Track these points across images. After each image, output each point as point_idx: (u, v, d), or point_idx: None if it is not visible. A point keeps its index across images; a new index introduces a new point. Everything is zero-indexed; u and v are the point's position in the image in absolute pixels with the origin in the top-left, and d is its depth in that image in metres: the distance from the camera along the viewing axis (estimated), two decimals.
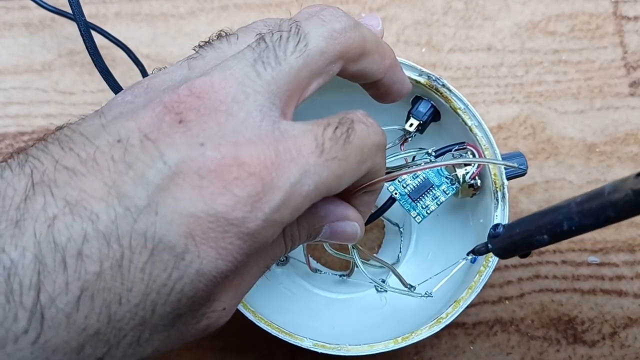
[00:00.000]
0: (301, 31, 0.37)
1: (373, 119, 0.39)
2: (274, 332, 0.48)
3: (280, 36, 0.36)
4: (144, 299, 0.32)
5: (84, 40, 0.50)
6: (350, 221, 0.41)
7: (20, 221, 0.30)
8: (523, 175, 0.52)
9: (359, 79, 0.42)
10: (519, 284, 0.63)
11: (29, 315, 0.29)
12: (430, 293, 0.53)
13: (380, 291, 0.59)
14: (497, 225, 0.41)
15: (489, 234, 0.42)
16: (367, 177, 0.39)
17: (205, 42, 0.39)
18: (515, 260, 0.63)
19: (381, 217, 0.60)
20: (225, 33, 0.39)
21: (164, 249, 0.31)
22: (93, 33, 0.54)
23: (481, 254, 0.45)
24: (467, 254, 0.47)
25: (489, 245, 0.42)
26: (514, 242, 0.40)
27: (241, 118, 0.34)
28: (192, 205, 0.32)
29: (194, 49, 0.39)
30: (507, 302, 0.63)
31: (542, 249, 0.62)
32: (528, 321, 0.63)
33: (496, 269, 0.60)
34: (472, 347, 0.62)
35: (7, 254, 0.29)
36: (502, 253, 0.42)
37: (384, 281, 0.59)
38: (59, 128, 0.36)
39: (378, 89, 0.44)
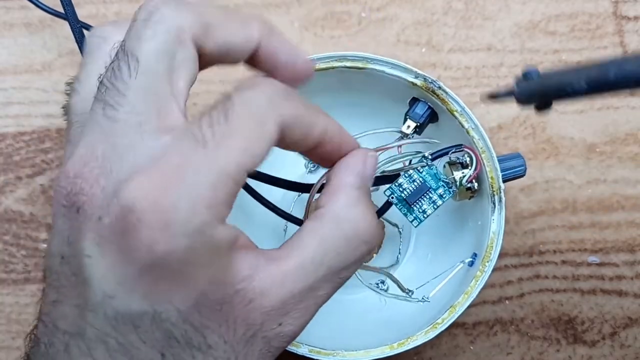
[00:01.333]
0: (127, 48, 0.35)
1: (263, 78, 0.38)
2: None
3: (113, 69, 0.35)
4: None
5: (77, 44, 0.50)
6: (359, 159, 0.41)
7: None
8: (522, 176, 0.52)
9: (232, 56, 0.39)
10: (519, 284, 0.63)
11: None
12: (428, 298, 0.53)
13: (379, 293, 0.59)
14: (530, 71, 0.37)
15: (517, 79, 0.38)
16: (297, 132, 0.37)
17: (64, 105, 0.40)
18: (515, 260, 0.63)
19: (381, 218, 0.60)
20: (71, 84, 0.41)
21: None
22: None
23: (501, 96, 0.40)
24: (489, 96, 0.41)
25: (516, 87, 0.38)
26: (544, 87, 0.36)
27: (116, 171, 0.33)
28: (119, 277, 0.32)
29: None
30: (507, 302, 0.63)
31: (542, 248, 0.62)
32: (528, 321, 0.63)
33: (496, 269, 0.60)
34: (472, 347, 0.62)
35: None
36: (526, 98, 0.37)
37: (383, 282, 0.59)
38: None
39: (266, 64, 0.40)
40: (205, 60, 0.38)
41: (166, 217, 0.31)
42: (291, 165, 0.59)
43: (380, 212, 0.51)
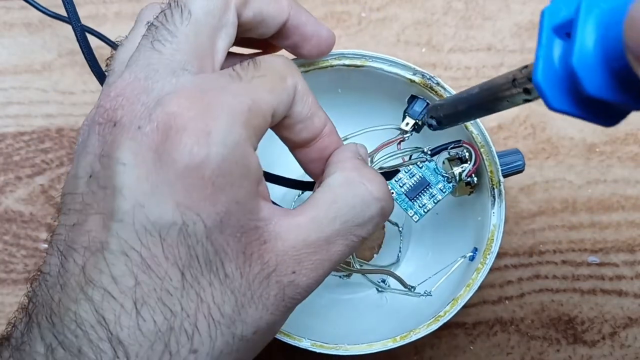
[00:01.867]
0: (181, 2, 0.39)
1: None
2: None
3: (165, 14, 0.38)
4: None
5: (79, 44, 0.50)
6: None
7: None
8: (521, 171, 0.52)
9: (264, 26, 0.43)
10: (519, 284, 0.63)
11: None
12: (430, 292, 0.53)
13: (381, 291, 0.59)
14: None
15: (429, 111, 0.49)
16: (304, 108, 0.41)
17: (109, 58, 0.43)
18: (515, 260, 0.63)
19: None
20: (120, 40, 0.43)
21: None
22: (90, 36, 0.54)
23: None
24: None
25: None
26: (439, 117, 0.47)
27: (159, 87, 0.36)
28: (159, 174, 0.34)
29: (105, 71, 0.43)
30: (507, 302, 0.63)
31: (542, 248, 0.62)
32: (528, 321, 0.63)
33: (496, 269, 0.60)
34: (472, 347, 0.62)
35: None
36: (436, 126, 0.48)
37: (384, 281, 0.59)
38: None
39: (293, 36, 0.45)
40: (240, 29, 0.41)
41: (208, 126, 0.34)
42: (291, 164, 0.59)
43: None
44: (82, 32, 0.51)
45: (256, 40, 0.46)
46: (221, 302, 0.35)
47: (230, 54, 0.42)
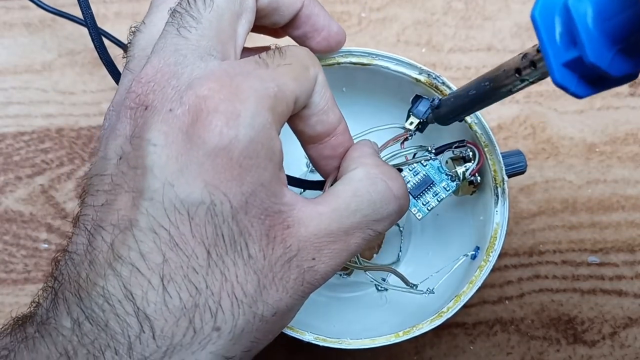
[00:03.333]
0: None
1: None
2: None
3: (188, 1, 0.39)
4: None
5: (90, 34, 0.50)
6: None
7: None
8: (523, 172, 0.52)
9: (278, 14, 0.45)
10: (519, 284, 0.63)
11: None
12: (432, 290, 0.53)
13: (381, 290, 0.59)
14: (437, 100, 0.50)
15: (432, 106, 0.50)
16: (322, 102, 0.42)
17: (127, 44, 0.44)
18: (515, 260, 0.63)
19: None
20: (136, 26, 0.44)
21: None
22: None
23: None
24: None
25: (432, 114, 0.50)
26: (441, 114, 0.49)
27: (188, 72, 0.37)
28: (192, 150, 0.35)
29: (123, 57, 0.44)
30: (507, 302, 0.63)
31: (542, 248, 0.62)
32: (528, 321, 0.63)
33: (496, 269, 0.60)
34: (472, 347, 0.62)
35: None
36: (442, 121, 0.49)
37: (384, 280, 0.59)
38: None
39: (304, 26, 0.47)
40: (255, 16, 0.42)
41: (237, 109, 0.35)
42: (293, 164, 0.60)
43: None
44: (98, 38, 0.51)
45: (266, 29, 0.47)
46: (244, 281, 0.36)
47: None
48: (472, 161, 0.51)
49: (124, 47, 0.62)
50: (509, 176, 0.51)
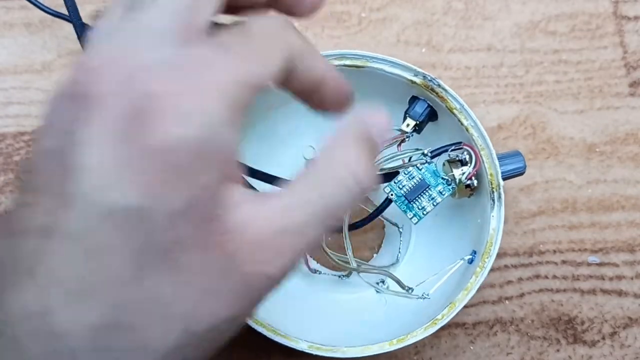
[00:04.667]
0: None
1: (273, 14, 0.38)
2: (269, 334, 0.48)
3: None
4: None
5: (80, 42, 0.50)
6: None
7: None
8: (521, 174, 0.52)
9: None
10: (519, 284, 0.63)
11: None
12: (427, 295, 0.53)
13: (380, 291, 0.59)
14: None
15: None
16: (303, 63, 0.37)
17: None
18: (515, 260, 0.63)
19: (381, 218, 0.60)
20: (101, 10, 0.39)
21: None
22: None
23: None
24: None
25: None
26: None
27: (136, 61, 0.32)
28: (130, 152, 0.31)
29: None
30: (507, 302, 0.63)
31: (542, 248, 0.62)
32: (528, 321, 0.63)
33: (496, 269, 0.60)
34: (472, 347, 0.62)
35: None
36: None
37: (383, 282, 0.59)
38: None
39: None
40: None
41: (186, 105, 0.31)
42: (290, 164, 0.59)
43: (380, 209, 0.51)
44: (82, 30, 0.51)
45: (246, 6, 0.41)
46: (176, 295, 0.32)
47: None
48: (469, 165, 0.51)
49: None
50: (508, 178, 0.51)
